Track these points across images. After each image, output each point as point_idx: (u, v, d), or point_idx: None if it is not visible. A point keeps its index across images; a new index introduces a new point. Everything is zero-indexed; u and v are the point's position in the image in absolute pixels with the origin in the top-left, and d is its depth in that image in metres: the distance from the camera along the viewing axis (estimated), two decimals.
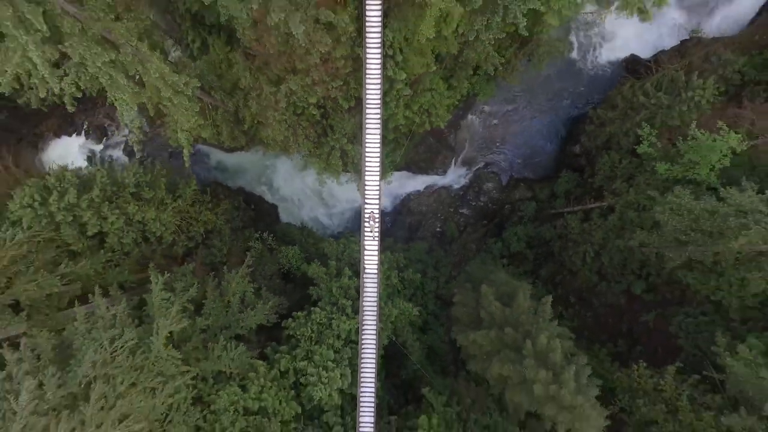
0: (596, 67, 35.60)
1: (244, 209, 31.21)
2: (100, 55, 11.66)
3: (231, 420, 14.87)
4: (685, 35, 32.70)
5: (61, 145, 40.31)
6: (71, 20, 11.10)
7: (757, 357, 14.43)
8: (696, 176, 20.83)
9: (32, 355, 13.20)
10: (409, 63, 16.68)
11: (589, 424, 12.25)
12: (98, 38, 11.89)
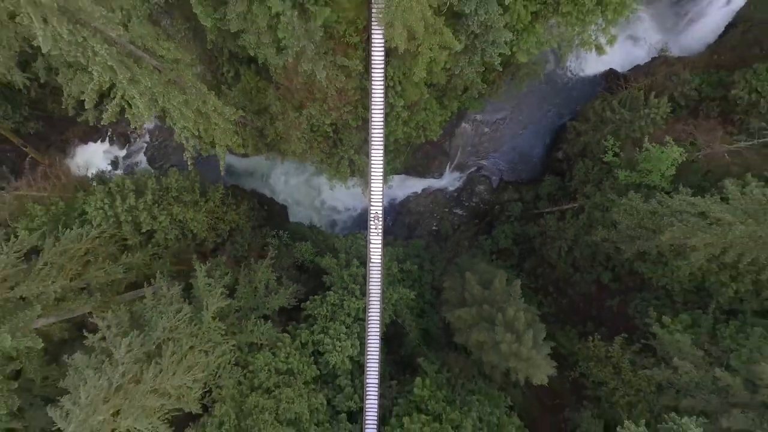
0: (578, 80, 40.29)
1: (258, 210, 35.82)
2: (175, 96, 16.25)
3: (266, 376, 19.46)
4: (655, 53, 37.40)
5: (86, 151, 44.82)
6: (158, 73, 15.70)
7: (678, 326, 19.03)
8: (650, 182, 25.42)
9: (116, 323, 17.76)
10: (406, 92, 21.28)
11: (540, 371, 16.84)
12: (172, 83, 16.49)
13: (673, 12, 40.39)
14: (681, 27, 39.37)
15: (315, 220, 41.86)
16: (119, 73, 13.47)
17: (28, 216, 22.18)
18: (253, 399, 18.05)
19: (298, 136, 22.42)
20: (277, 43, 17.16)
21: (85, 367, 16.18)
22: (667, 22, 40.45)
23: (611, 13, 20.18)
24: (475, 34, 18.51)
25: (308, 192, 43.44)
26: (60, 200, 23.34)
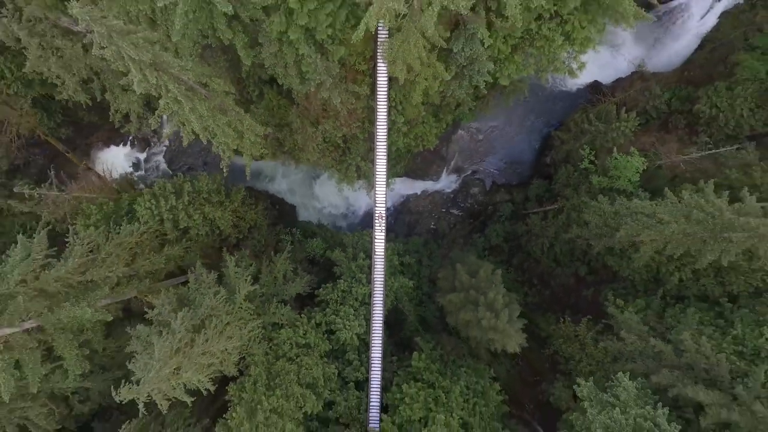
0: (565, 92, 44.88)
1: (271, 209, 40.48)
2: (221, 119, 20.93)
3: (288, 348, 24.13)
4: (633, 68, 42.02)
5: (109, 154, 49.47)
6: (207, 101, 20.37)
7: (630, 307, 23.67)
8: (620, 186, 30.04)
9: (168, 302, 22.41)
10: (406, 111, 25.94)
11: (513, 340, 21.47)
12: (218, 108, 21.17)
13: (652, 29, 44.94)
14: (659, 44, 43.97)
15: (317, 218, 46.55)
16: (185, 104, 18.14)
17: (85, 214, 26.88)
18: (280, 364, 22.73)
19: (313, 147, 27.08)
20: (301, 75, 21.83)
21: (147, 335, 20.87)
22: (647, 39, 45.02)
23: (578, 46, 24.77)
24: (462, 65, 23.14)
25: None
26: (109, 201, 28.05)
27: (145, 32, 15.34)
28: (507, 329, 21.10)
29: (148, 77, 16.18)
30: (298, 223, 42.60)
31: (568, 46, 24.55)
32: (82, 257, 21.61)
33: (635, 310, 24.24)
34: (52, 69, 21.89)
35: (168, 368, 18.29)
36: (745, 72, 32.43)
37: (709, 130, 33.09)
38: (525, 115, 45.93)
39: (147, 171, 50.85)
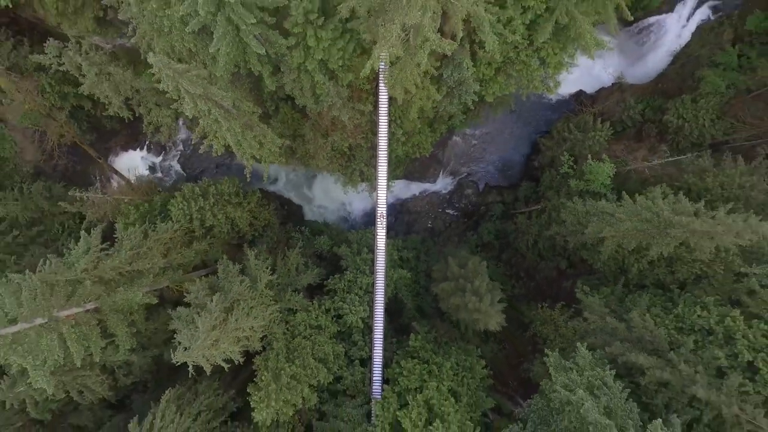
0: (553, 100, 49.62)
1: (280, 209, 45.32)
2: (248, 134, 25.78)
3: (303, 328, 28.96)
4: (613, 80, 46.86)
5: (127, 158, 54.23)
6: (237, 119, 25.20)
7: (595, 293, 28.51)
8: (594, 188, 34.82)
9: (202, 288, 27.19)
10: (404, 124, 30.81)
11: (493, 320, 26.30)
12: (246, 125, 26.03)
13: (634, 42, 49.79)
14: (637, 57, 48.84)
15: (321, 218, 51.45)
16: (223, 124, 23.00)
17: (124, 214, 31.73)
18: (297, 341, 27.60)
19: (323, 155, 31.95)
20: (315, 96, 26.68)
21: (187, 315, 25.69)
22: (628, 52, 49.87)
23: (552, 69, 29.64)
24: (452, 86, 27.99)
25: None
26: (144, 202, 32.89)
27: (197, 70, 20.17)
28: (489, 310, 25.97)
29: (198, 105, 21.04)
30: (306, 222, 47.47)
31: (543, 69, 29.39)
32: (130, 250, 26.43)
33: (601, 296, 29.10)
34: (104, 91, 26.68)
35: (209, 340, 23.08)
36: (708, 86, 37.30)
37: (677, 138, 38.00)
38: (516, 122, 50.65)
39: (163, 173, 55.67)
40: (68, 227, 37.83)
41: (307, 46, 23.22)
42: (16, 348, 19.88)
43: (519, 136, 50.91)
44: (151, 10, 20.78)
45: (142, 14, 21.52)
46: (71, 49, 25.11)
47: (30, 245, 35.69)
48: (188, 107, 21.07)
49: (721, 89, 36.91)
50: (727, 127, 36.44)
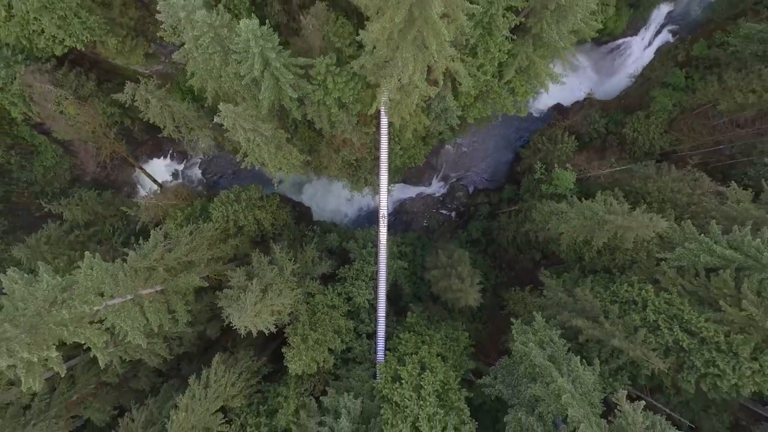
0: (535, 111, 58.73)
1: (292, 211, 54.34)
2: (279, 154, 34.88)
3: (321, 307, 37.93)
4: (584, 95, 56.07)
5: (151, 165, 63.15)
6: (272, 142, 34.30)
7: (554, 277, 37.62)
8: (561, 192, 43.92)
9: (242, 275, 36.14)
10: (401, 141, 39.94)
11: (471, 296, 35.42)
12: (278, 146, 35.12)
13: (605, 61, 59.11)
14: (609, 74, 58.07)
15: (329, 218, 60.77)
16: (263, 147, 32.07)
17: (172, 217, 40.75)
18: (317, 316, 36.65)
19: (334, 166, 41.04)
20: (330, 123, 35.75)
21: (231, 295, 34.68)
22: (601, 69, 59.15)
23: (520, 96, 38.72)
24: (438, 113, 37.11)
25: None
26: (187, 206, 41.91)
27: (249, 111, 29.23)
28: (468, 290, 35.11)
29: (248, 135, 30.12)
30: (315, 222, 56.58)
31: (513, 97, 38.50)
32: (186, 245, 35.42)
33: (561, 279, 38.24)
34: (164, 119, 35.73)
35: (253, 312, 32.06)
36: (657, 105, 46.57)
37: (633, 148, 47.27)
38: (502, 132, 59.94)
39: (184, 179, 64.84)
40: (117, 228, 46.89)
41: (326, 87, 32.31)
42: (119, 315, 28.84)
43: (504, 145, 60.12)
44: (213, 65, 29.80)
45: (204, 67, 30.51)
46: (142, 88, 34.15)
47: (87, 242, 44.69)
48: (240, 136, 30.15)
49: (668, 107, 46.13)
50: (672, 140, 45.70)
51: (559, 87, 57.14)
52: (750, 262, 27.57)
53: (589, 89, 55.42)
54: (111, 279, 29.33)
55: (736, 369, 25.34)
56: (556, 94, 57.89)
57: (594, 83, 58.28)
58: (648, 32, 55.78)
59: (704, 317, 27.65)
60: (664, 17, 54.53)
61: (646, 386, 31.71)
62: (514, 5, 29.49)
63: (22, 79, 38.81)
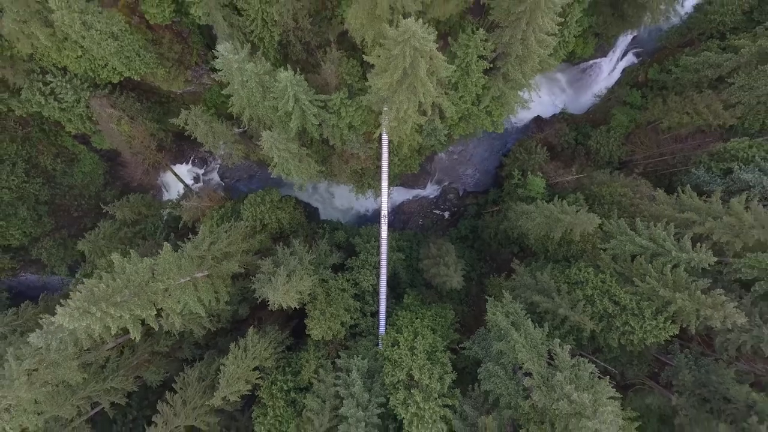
0: (518, 122, 70.55)
1: (303, 210, 66.09)
2: (301, 165, 46.68)
3: (334, 290, 49.57)
4: (558, 110, 67.95)
5: (175, 169, 74.51)
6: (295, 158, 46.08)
7: (524, 266, 49.39)
8: (533, 195, 55.73)
9: (270, 263, 47.68)
10: (399, 154, 51.77)
11: (455, 279, 47.17)
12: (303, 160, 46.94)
13: (580, 78, 71.05)
14: (582, 91, 70.01)
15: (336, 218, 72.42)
16: (290, 161, 43.79)
17: (209, 216, 52.34)
18: (332, 296, 48.29)
19: (343, 174, 52.77)
20: (342, 141, 47.47)
21: (262, 278, 46.29)
22: (576, 86, 71.11)
23: (496, 117, 50.44)
24: (429, 132, 48.87)
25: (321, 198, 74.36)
26: (220, 207, 53.51)
27: (282, 135, 40.89)
28: (453, 275, 46.87)
29: (280, 153, 41.84)
30: (323, 220, 68.32)
31: (490, 118, 50.22)
32: (226, 239, 46.99)
33: (530, 267, 49.94)
34: (210, 139, 47.33)
35: (282, 291, 43.62)
36: (616, 120, 58.46)
37: (596, 158, 59.06)
38: (489, 141, 71.78)
39: (205, 183, 76.58)
40: (157, 226, 58.53)
41: (340, 114, 44.03)
42: (183, 291, 40.34)
43: (490, 153, 72.03)
44: (254, 99, 41.42)
45: (246, 100, 42.10)
46: (192, 113, 45.80)
47: (134, 238, 56.43)
48: (274, 153, 41.82)
49: (625, 123, 58.06)
50: (628, 151, 57.59)
51: (539, 101, 69.36)
52: (660, 250, 39.33)
53: (564, 104, 67.34)
54: (176, 264, 40.93)
55: (642, 326, 37.08)
56: (537, 108, 69.95)
57: (570, 98, 70.33)
58: (615, 54, 67.72)
59: (624, 291, 39.44)
60: (629, 42, 66.42)
61: (589, 346, 43.48)
62: (484, 55, 41.18)
63: (88, 103, 50.43)
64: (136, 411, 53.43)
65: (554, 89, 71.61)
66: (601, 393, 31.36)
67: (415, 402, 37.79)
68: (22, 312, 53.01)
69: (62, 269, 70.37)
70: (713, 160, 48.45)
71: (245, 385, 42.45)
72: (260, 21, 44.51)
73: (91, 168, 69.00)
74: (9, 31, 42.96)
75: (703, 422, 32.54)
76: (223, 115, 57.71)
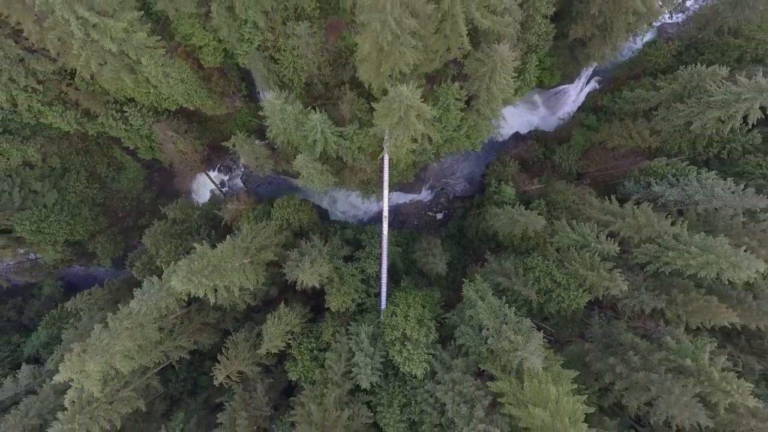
0: (500, 137, 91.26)
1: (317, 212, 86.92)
2: (322, 178, 67.43)
3: (346, 275, 70.00)
4: (532, 128, 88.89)
5: (201, 176, 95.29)
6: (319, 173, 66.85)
7: (495, 257, 69.97)
8: (506, 200, 76.46)
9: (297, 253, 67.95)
10: (397, 168, 72.50)
11: (440, 266, 67.65)
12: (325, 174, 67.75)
13: (552, 101, 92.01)
14: (553, 111, 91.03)
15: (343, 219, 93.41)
16: (315, 176, 64.41)
17: (246, 217, 72.78)
18: (344, 279, 68.72)
19: (353, 183, 73.45)
20: (353, 158, 68.07)
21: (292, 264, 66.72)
22: (549, 107, 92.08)
23: (474, 139, 70.98)
24: (420, 152, 69.55)
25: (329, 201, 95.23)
26: (254, 208, 73.94)
27: (311, 157, 61.38)
28: (438, 262, 67.51)
29: (308, 170, 62.47)
30: (332, 221, 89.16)
31: (469, 140, 70.77)
32: (263, 234, 67.30)
33: (500, 258, 70.43)
34: (251, 156, 67.80)
35: (309, 272, 63.90)
36: (574, 140, 79.38)
37: (559, 170, 79.87)
38: (476, 153, 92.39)
39: (230, 188, 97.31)
40: (200, 225, 79.01)
41: (352, 140, 64.61)
42: (239, 272, 60.59)
43: (477, 163, 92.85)
44: (289, 129, 61.87)
45: (282, 130, 62.52)
46: (240, 138, 66.25)
47: (183, 234, 76.91)
48: (303, 170, 62.31)
49: (581, 142, 78.80)
50: (584, 165, 78.28)
51: (518, 119, 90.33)
52: (585, 242, 59.76)
53: (538, 123, 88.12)
54: (232, 252, 61.39)
55: (568, 296, 57.49)
56: (516, 125, 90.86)
57: (544, 117, 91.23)
58: (581, 81, 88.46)
59: (560, 272, 59.86)
60: (591, 72, 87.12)
61: (538, 315, 63.89)
62: (459, 98, 61.67)
63: (152, 127, 70.97)
64: (185, 373, 74.05)
65: (531, 109, 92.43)
66: (533, 338, 51.54)
67: (407, 350, 58.16)
68: (94, 293, 73.96)
69: (107, 262, 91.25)
70: (642, 174, 69.02)
71: (281, 342, 62.80)
72: (292, 69, 65.19)
73: (135, 175, 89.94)
74: (106, 78, 63.41)
75: (601, 357, 52.87)
76: (249, 131, 78.72)
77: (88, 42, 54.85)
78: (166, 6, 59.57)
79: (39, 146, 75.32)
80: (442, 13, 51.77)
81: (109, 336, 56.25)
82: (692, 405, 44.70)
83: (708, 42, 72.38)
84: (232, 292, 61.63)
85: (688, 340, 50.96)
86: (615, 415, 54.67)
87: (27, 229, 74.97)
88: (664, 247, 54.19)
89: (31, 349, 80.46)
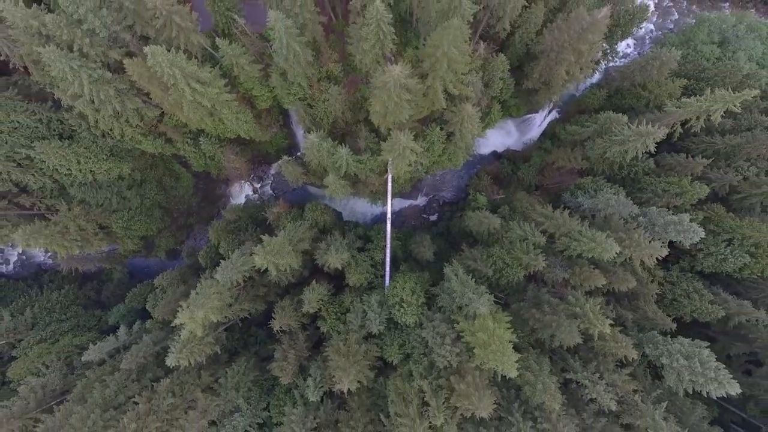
0: (483, 153, 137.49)
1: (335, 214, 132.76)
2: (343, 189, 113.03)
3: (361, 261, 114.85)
4: (504, 148, 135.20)
5: (241, 184, 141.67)
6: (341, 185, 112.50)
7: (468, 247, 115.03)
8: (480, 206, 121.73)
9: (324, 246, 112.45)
10: (397, 182, 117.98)
11: (428, 254, 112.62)
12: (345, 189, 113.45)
13: (523, 125, 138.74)
14: (524, 134, 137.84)
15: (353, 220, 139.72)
16: (339, 188, 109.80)
17: (285, 218, 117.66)
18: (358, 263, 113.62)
19: (364, 192, 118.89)
20: (366, 175, 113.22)
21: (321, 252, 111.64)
22: (520, 130, 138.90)
23: (454, 161, 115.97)
24: (414, 170, 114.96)
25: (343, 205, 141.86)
26: (291, 211, 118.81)
27: (338, 175, 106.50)
28: (426, 251, 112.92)
29: (334, 185, 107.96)
30: (345, 221, 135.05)
31: (451, 162, 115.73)
32: (301, 231, 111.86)
33: (474, 249, 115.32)
34: (292, 175, 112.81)
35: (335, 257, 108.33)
36: (533, 159, 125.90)
37: (523, 183, 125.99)
38: (464, 167, 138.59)
39: (261, 194, 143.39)
40: (247, 224, 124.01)
41: (366, 163, 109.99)
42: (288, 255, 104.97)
43: (463, 174, 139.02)
44: (322, 158, 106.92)
45: (317, 158, 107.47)
46: (284, 161, 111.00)
47: (235, 231, 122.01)
48: (330, 185, 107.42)
49: (538, 162, 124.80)
50: (540, 179, 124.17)
51: (497, 140, 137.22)
52: (526, 236, 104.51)
53: (510, 144, 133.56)
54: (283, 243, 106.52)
55: (512, 272, 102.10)
56: (495, 145, 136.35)
57: (516, 139, 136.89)
58: (545, 111, 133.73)
59: (509, 256, 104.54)
60: (552, 105, 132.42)
61: (496, 288, 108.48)
62: (439, 138, 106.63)
63: (221, 151, 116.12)
64: (239, 333, 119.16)
65: (507, 134, 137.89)
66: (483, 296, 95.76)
67: (403, 307, 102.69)
68: (170, 274, 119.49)
69: (162, 254, 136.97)
70: (576, 188, 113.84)
71: (316, 305, 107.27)
72: (322, 112, 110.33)
73: (187, 183, 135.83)
74: (193, 120, 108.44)
75: (529, 310, 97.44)
76: (280, 150, 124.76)
77: (194, 102, 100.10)
78: (239, 72, 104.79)
79: (130, 164, 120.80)
80: (427, 86, 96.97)
81: (204, 297, 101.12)
82: (574, 332, 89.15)
83: (627, 90, 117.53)
84: (284, 269, 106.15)
85: (583, 298, 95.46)
86: (537, 347, 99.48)
87: (121, 226, 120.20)
88: (572, 239, 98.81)
89: (114, 319, 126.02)
